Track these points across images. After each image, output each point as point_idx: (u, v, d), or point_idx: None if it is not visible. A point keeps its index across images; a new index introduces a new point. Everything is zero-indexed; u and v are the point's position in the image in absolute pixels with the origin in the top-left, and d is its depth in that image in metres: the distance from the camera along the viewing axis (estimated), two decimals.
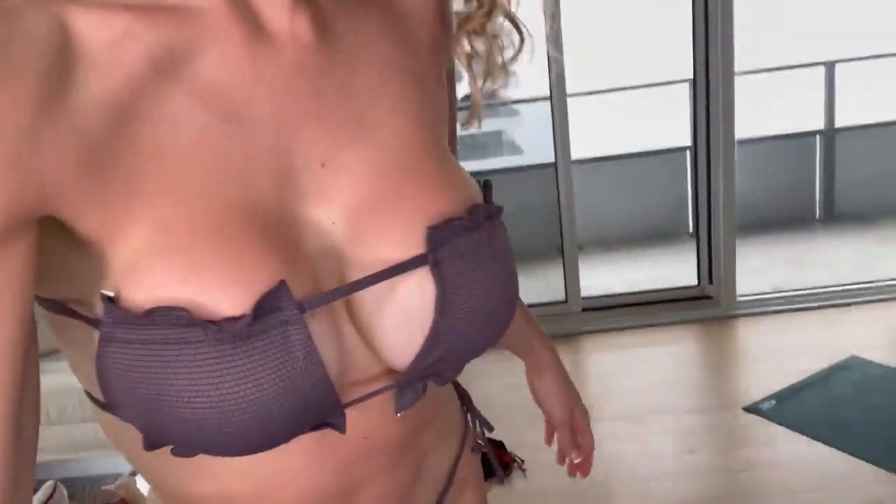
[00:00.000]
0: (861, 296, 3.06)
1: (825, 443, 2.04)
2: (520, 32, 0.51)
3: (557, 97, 2.86)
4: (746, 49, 2.88)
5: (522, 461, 2.08)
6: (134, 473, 1.35)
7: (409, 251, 0.41)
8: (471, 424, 0.63)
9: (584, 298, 3.06)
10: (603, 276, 3.60)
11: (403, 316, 0.42)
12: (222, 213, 0.37)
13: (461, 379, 0.58)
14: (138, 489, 1.14)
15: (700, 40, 2.86)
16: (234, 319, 0.35)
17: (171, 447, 0.39)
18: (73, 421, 2.11)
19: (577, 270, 3.06)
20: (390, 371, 0.44)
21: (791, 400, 2.31)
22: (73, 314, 0.39)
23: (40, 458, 0.41)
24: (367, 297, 0.41)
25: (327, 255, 0.41)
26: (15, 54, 0.31)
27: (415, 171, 0.44)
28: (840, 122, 4.31)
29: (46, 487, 1.01)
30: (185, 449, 0.39)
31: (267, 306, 0.36)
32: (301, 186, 0.41)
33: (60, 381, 2.31)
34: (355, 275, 0.41)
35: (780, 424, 2.16)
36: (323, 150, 0.41)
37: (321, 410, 0.40)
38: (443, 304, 0.41)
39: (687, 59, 2.96)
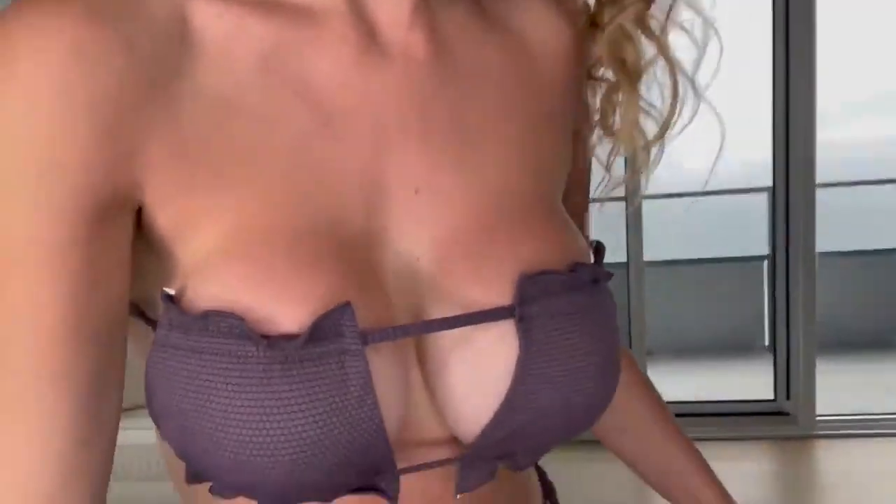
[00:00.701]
0: None
1: None
2: (685, 87, 0.43)
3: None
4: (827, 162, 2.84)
5: None
6: None
7: (497, 300, 0.36)
8: None
9: None
10: (672, 385, 3.45)
11: (477, 374, 0.36)
12: (304, 225, 0.35)
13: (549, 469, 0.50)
14: None
15: (780, 149, 2.85)
16: (288, 337, 0.32)
17: (209, 485, 0.35)
18: (137, 479, 2.12)
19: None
20: (456, 441, 0.38)
21: None
22: (137, 312, 0.37)
23: None
24: (440, 344, 0.37)
25: (406, 289, 0.37)
26: (132, 33, 0.32)
27: (516, 216, 0.39)
28: None
29: None
30: (220, 486, 0.35)
31: (327, 329, 0.32)
32: (391, 211, 0.37)
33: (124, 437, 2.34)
34: (432, 315, 0.37)
35: None
36: (420, 176, 0.38)
37: (371, 466, 0.35)
38: (524, 368, 0.35)
39: (766, 168, 2.95)
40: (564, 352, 0.37)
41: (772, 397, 2.99)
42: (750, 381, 3.24)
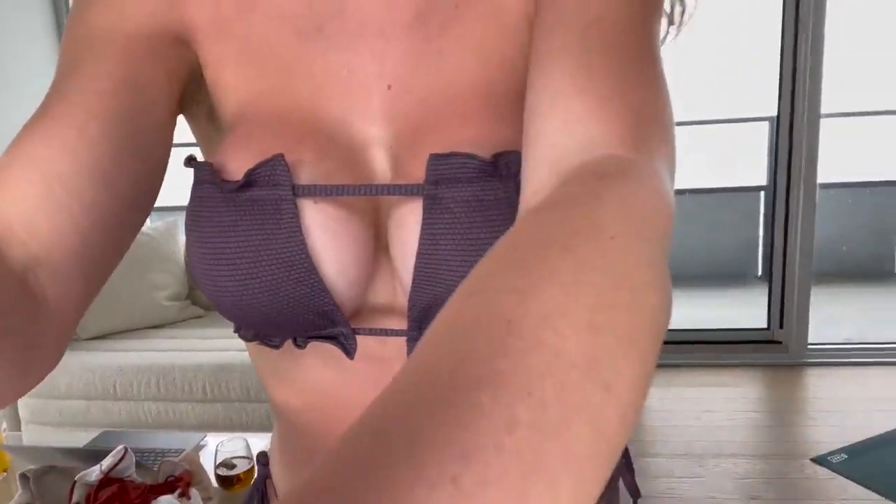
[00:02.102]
0: None
1: None
2: None
3: None
4: (832, 93, 2.80)
5: None
6: (198, 448, 1.38)
7: (420, 177, 0.39)
8: None
9: None
10: None
11: (405, 248, 0.40)
12: (288, 107, 0.42)
13: None
14: (201, 463, 1.16)
15: (787, 78, 2.80)
16: (234, 181, 0.39)
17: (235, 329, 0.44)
18: (137, 398, 2.18)
19: None
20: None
21: (864, 455, 2.19)
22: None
23: (110, 427, 0.38)
24: (392, 218, 0.41)
25: (362, 165, 0.42)
26: None
27: (466, 107, 0.41)
28: None
29: (116, 452, 1.04)
30: (239, 325, 0.44)
31: (264, 178, 0.39)
32: (366, 101, 0.42)
33: (123, 359, 2.39)
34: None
35: (850, 479, 2.05)
36: (392, 74, 0.42)
37: (321, 315, 0.41)
38: (423, 246, 0.38)
39: (771, 97, 2.91)
40: (464, 239, 0.38)
41: (765, 325, 3.06)
42: (745, 310, 3.30)
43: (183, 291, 2.78)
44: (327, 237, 0.39)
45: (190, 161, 0.42)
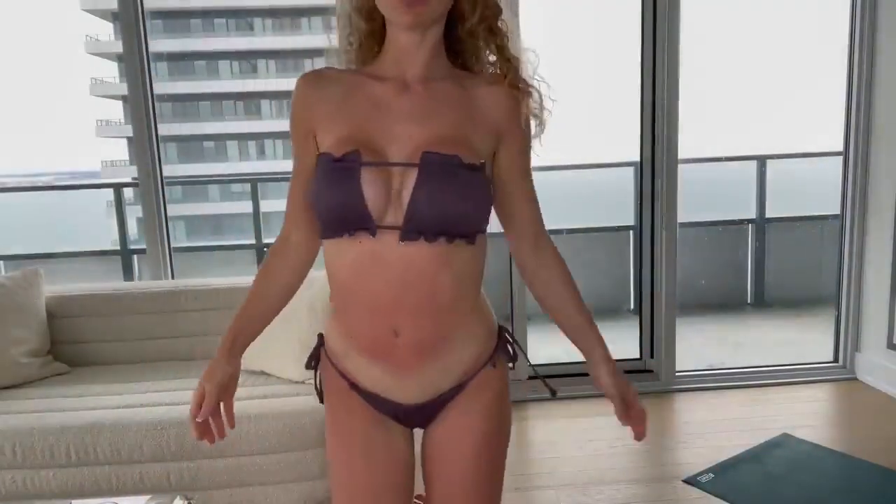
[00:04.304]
0: (790, 377, 3.22)
1: None
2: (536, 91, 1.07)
3: None
4: (688, 140, 3.09)
5: None
6: None
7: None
8: (505, 352, 1.10)
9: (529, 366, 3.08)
10: (549, 346, 3.65)
11: (404, 192, 0.93)
12: (358, 140, 0.95)
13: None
14: None
15: (647, 127, 3.06)
16: (335, 159, 0.94)
17: (323, 235, 0.99)
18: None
19: (526, 340, 3.11)
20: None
21: (728, 473, 2.37)
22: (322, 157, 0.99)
23: None
24: (402, 178, 0.93)
25: (390, 156, 0.95)
26: (321, 84, 1.03)
27: (446, 139, 0.96)
28: (770, 213, 4.61)
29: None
30: (322, 226, 0.98)
31: (349, 160, 0.93)
32: (397, 145, 0.96)
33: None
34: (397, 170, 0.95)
35: (718, 497, 2.21)
36: (411, 133, 0.97)
37: (362, 217, 0.92)
38: (415, 193, 0.92)
39: (634, 144, 3.15)
40: (440, 185, 0.93)
41: (637, 356, 3.26)
42: (620, 342, 3.49)
43: (44, 346, 2.55)
44: (368, 185, 0.92)
45: (319, 155, 0.99)
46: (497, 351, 1.07)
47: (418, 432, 1.10)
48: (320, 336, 1.11)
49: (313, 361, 1.11)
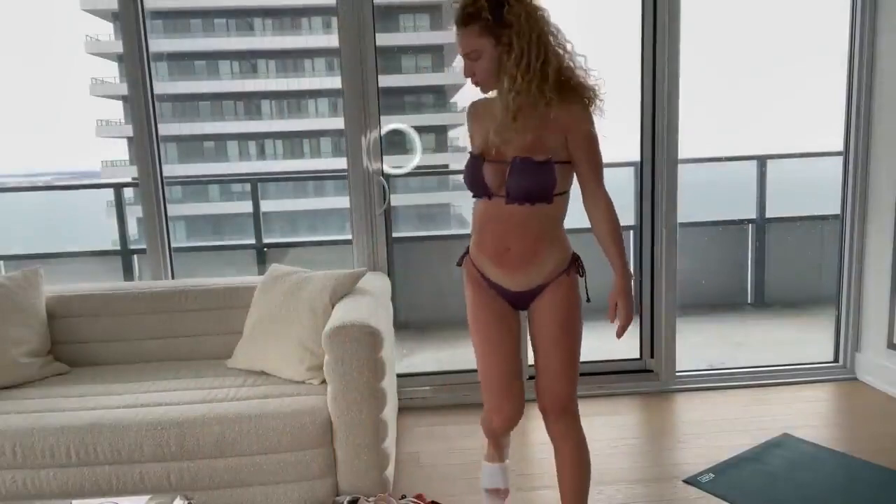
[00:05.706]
0: (791, 377, 3.21)
1: None
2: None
3: None
4: (688, 140, 3.09)
5: None
6: None
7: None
8: (574, 268, 1.77)
9: (531, 366, 3.08)
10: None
11: (506, 175, 1.63)
12: (486, 140, 1.67)
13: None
14: None
15: (647, 126, 3.06)
16: (476, 155, 1.70)
17: (473, 195, 1.74)
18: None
19: (526, 341, 3.10)
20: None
21: (728, 473, 2.37)
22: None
23: None
24: (506, 173, 1.63)
25: (507, 159, 1.64)
26: (482, 106, 1.76)
27: (527, 147, 1.62)
28: (770, 213, 4.60)
29: None
30: (470, 191, 1.73)
31: (480, 156, 1.67)
32: (508, 146, 1.63)
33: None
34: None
35: (718, 497, 2.21)
36: (514, 139, 1.62)
37: (485, 189, 1.66)
38: (509, 175, 1.62)
39: (634, 144, 3.15)
40: (522, 176, 1.62)
41: (638, 356, 3.25)
42: (621, 342, 3.48)
43: (44, 346, 2.55)
44: (489, 172, 1.65)
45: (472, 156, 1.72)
46: (570, 266, 1.73)
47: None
48: (467, 248, 1.81)
49: (461, 261, 1.83)
